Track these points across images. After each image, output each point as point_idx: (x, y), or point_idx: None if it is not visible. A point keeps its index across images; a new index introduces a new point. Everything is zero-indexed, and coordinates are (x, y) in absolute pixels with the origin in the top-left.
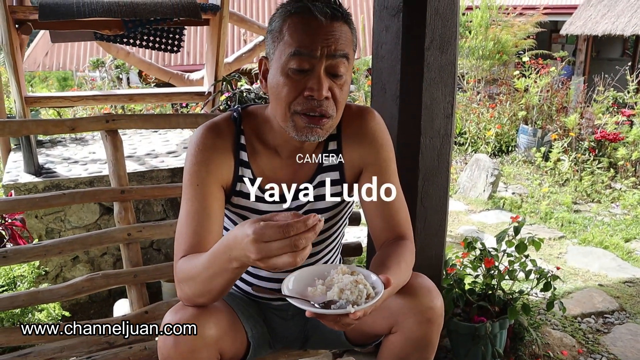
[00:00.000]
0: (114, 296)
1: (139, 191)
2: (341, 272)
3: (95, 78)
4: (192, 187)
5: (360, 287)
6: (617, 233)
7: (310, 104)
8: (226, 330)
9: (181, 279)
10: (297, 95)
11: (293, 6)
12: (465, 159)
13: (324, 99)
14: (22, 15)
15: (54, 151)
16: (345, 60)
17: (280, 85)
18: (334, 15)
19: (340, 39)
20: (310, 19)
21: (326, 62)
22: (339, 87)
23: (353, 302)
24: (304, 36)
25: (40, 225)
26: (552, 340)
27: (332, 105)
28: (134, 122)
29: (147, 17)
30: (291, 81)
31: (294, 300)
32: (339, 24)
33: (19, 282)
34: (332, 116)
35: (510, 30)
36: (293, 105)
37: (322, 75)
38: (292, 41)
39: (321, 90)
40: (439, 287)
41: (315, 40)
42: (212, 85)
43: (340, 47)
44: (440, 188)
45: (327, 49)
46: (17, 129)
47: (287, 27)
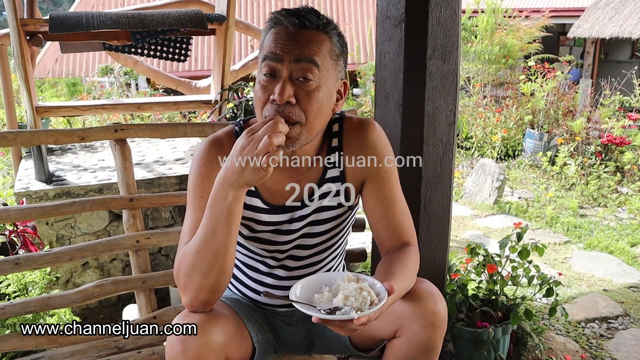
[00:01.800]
0: (123, 301)
1: (147, 199)
2: (347, 279)
3: (104, 84)
4: (197, 200)
5: (364, 294)
6: (623, 238)
7: (274, 109)
8: (232, 335)
9: (184, 271)
10: (266, 101)
11: (272, 18)
12: (471, 163)
13: (285, 103)
14: (33, 27)
15: (64, 159)
16: (312, 65)
17: (256, 93)
18: (304, 25)
19: (309, 46)
20: (281, 29)
21: (290, 66)
22: (306, 93)
23: (357, 308)
24: (273, 44)
25: (51, 231)
26: (556, 345)
27: (297, 111)
28: (142, 132)
29: (154, 29)
30: (262, 88)
31: (300, 306)
32: (310, 32)
33: (31, 288)
34: (299, 122)
35: (516, 34)
36: (264, 111)
37: (285, 80)
38: (264, 49)
39: (282, 94)
40: (443, 292)
41: (282, 46)
42: (219, 93)
43: (306, 52)
44: (443, 195)
45: (290, 54)
46: (28, 139)
47: (265, 40)
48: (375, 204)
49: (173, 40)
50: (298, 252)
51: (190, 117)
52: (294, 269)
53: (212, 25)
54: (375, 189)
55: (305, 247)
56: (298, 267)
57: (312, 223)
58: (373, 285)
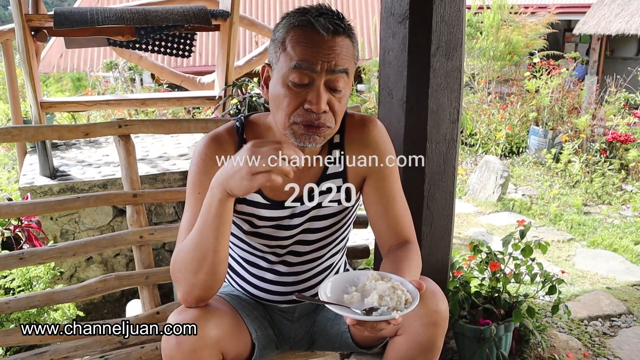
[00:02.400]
0: (127, 296)
1: (151, 195)
2: (373, 278)
3: (109, 79)
4: (195, 196)
5: (398, 293)
6: (627, 236)
7: (309, 117)
8: (228, 331)
9: (178, 266)
10: (296, 107)
11: (297, 19)
12: (475, 160)
13: (322, 112)
14: (38, 23)
15: (68, 154)
16: (344, 75)
17: (281, 96)
18: (336, 31)
19: (341, 54)
20: (313, 33)
21: (326, 76)
22: (338, 100)
23: (393, 307)
24: (306, 50)
25: (55, 226)
26: (558, 343)
27: (330, 117)
28: (145, 127)
29: (158, 24)
30: (292, 93)
31: (335, 307)
32: (341, 38)
33: (35, 283)
34: (330, 126)
35: (522, 30)
36: (293, 116)
37: (321, 90)
38: (293, 54)
39: (319, 104)
40: (445, 289)
41: (316, 55)
42: (223, 89)
43: (341, 62)
44: (447, 192)
45: (327, 64)
46: (33, 135)
47: (290, 39)
48: (375, 200)
49: (177, 36)
50: (299, 247)
51: (195, 113)
52: (294, 264)
53: (216, 21)
54: (376, 186)
55: (306, 242)
56: (299, 262)
57: (312, 219)
58: (403, 283)
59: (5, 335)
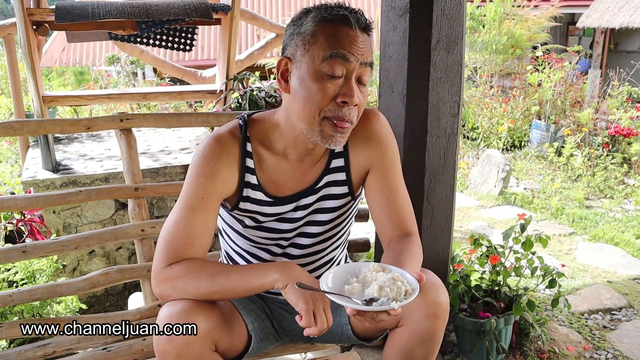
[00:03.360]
0: (129, 289)
1: (152, 188)
2: (374, 270)
3: (111, 73)
4: (197, 199)
5: (398, 284)
6: (629, 229)
7: (342, 112)
8: (219, 322)
9: (183, 280)
10: (329, 101)
11: (330, 13)
12: (477, 154)
13: (354, 105)
14: (39, 17)
15: (70, 148)
16: (370, 69)
17: (312, 89)
18: (366, 27)
19: (368, 49)
20: (347, 28)
21: (359, 69)
22: (364, 95)
23: (393, 298)
24: (342, 41)
25: (58, 220)
26: (558, 336)
27: (356, 112)
28: (147, 121)
29: (159, 18)
30: (324, 86)
31: (335, 297)
32: (366, 35)
33: (38, 276)
34: (354, 122)
35: (525, 24)
36: (324, 111)
37: (354, 82)
38: (327, 45)
39: (354, 96)
40: (446, 282)
41: (352, 47)
42: (224, 83)
43: (369, 56)
44: (447, 186)
45: (361, 56)
46: (35, 129)
47: (322, 32)
48: (377, 193)
49: (178, 30)
50: (301, 239)
51: (196, 107)
52: (297, 257)
53: (217, 15)
54: (378, 178)
55: (308, 235)
56: (301, 255)
57: (315, 211)
58: (404, 275)
59: (9, 328)
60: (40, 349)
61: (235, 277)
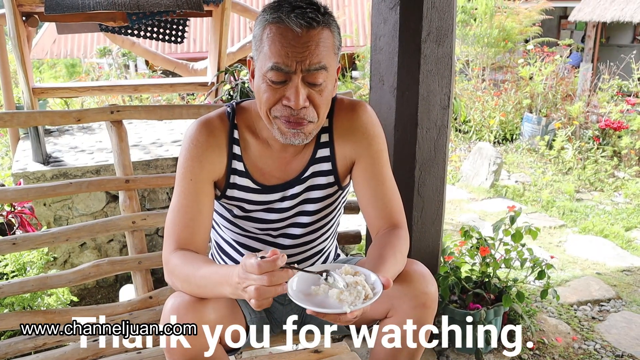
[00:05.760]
0: (121, 282)
1: (144, 180)
2: (344, 272)
3: (103, 65)
4: (186, 182)
5: (358, 289)
6: (618, 222)
7: (288, 112)
8: (225, 313)
9: (175, 275)
10: (275, 102)
11: (270, 15)
12: (469, 147)
13: (301, 108)
14: (29, 8)
15: (61, 140)
16: (323, 70)
17: (261, 91)
18: (310, 25)
19: (317, 50)
20: (286, 30)
21: (302, 74)
22: (318, 94)
23: (351, 302)
24: (280, 50)
25: (49, 212)
26: (547, 327)
27: (311, 112)
28: (138, 113)
29: (150, 10)
30: (270, 89)
31: (296, 299)
32: (317, 32)
33: (29, 268)
34: (313, 121)
35: (516, 17)
36: (272, 111)
37: (299, 86)
38: (270, 54)
39: (297, 100)
40: (436, 274)
41: (291, 54)
42: (215, 75)
43: (317, 59)
44: (437, 178)
45: (301, 64)
46: (24, 120)
47: (266, 37)
48: (365, 183)
49: (169, 22)
50: (292, 230)
51: (189, 100)
52: (288, 247)
53: (208, 7)
54: (365, 168)
55: (298, 225)
56: (292, 245)
57: (304, 202)
58: (368, 278)
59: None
60: (30, 341)
61: (202, 282)
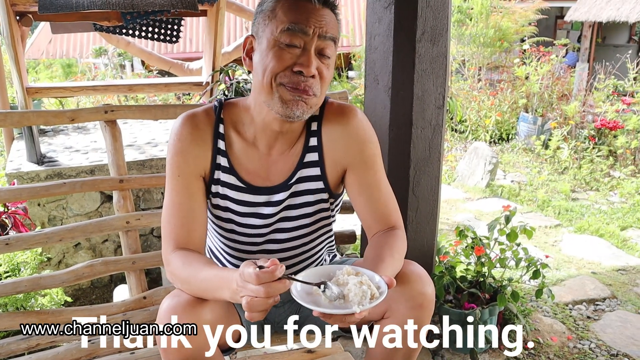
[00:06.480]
0: (116, 282)
1: (138, 180)
2: (346, 273)
3: (99, 65)
4: (174, 179)
5: (364, 288)
6: (614, 221)
7: (297, 79)
8: (221, 314)
9: (176, 276)
10: (284, 68)
11: None
12: (465, 146)
13: (311, 76)
14: (23, 7)
15: (56, 140)
16: (333, 43)
17: (268, 58)
18: (326, 2)
19: (330, 23)
20: (304, 2)
21: (317, 41)
22: (326, 67)
23: (358, 302)
24: (298, 15)
25: (43, 213)
26: (542, 326)
27: (317, 84)
28: (132, 113)
29: (144, 9)
30: (281, 53)
31: (302, 301)
32: (328, 10)
33: (23, 268)
34: (316, 94)
35: (512, 17)
36: (279, 76)
37: (311, 53)
38: (285, 19)
39: (310, 66)
40: (431, 274)
41: (309, 19)
42: (210, 75)
43: (330, 30)
44: (432, 178)
45: (319, 29)
46: (18, 120)
47: (281, 7)
48: (358, 190)
49: (164, 22)
50: (277, 235)
51: (185, 100)
52: (275, 252)
53: (203, 6)
54: (359, 175)
55: (283, 230)
56: (279, 249)
57: (288, 207)
58: (372, 278)
59: None
60: (24, 342)
61: (203, 285)
